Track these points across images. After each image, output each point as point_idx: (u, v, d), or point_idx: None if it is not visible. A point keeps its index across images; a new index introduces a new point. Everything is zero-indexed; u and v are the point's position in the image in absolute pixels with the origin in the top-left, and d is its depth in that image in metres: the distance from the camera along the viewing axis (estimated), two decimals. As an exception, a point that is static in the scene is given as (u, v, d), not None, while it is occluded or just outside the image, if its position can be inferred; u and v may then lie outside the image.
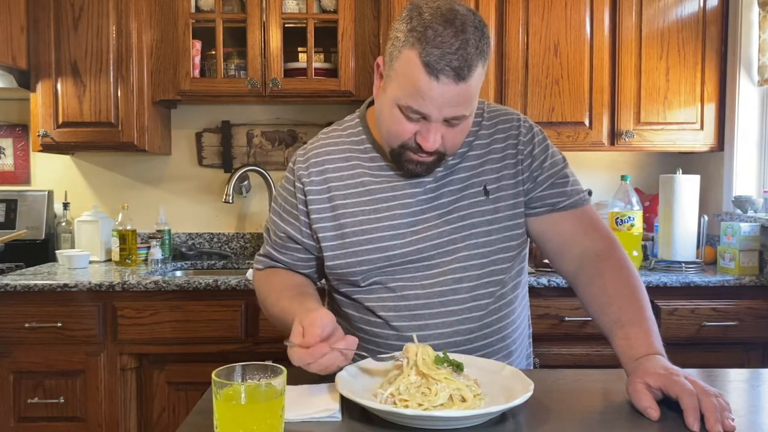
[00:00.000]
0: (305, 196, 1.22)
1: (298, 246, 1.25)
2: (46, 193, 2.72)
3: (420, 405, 0.89)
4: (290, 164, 1.27)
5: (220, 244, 2.85)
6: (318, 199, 1.21)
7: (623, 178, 2.44)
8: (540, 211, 1.20)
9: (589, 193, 1.22)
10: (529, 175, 1.20)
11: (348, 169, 1.22)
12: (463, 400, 0.90)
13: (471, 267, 1.16)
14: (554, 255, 1.22)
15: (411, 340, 1.15)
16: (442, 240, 1.16)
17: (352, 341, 0.99)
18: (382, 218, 1.17)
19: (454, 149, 1.13)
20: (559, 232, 1.20)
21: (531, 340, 1.36)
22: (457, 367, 0.96)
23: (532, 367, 1.36)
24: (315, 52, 2.56)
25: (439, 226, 1.16)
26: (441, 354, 0.98)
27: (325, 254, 1.21)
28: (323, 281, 1.32)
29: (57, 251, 2.57)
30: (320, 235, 1.20)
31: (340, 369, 0.99)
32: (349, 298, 1.23)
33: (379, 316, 1.18)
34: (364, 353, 1.02)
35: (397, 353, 0.99)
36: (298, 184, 1.23)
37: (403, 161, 1.13)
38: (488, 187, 1.18)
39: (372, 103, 1.25)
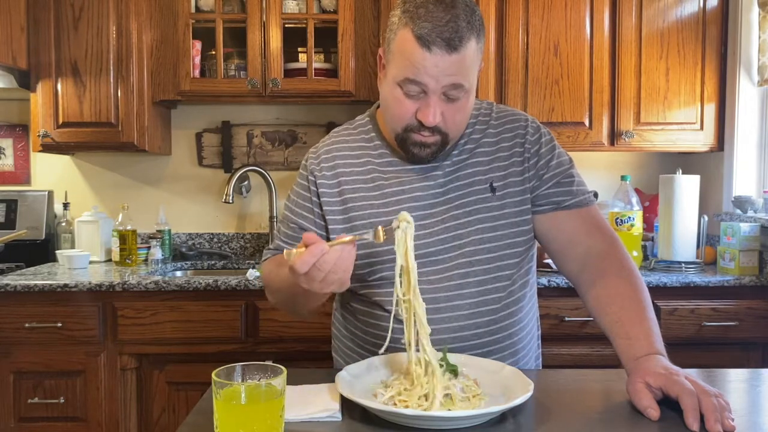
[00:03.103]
0: (317, 189, 1.25)
1: None
2: (46, 193, 2.72)
3: (420, 405, 0.89)
4: (303, 161, 1.31)
5: (220, 245, 2.85)
6: (329, 193, 1.24)
7: (623, 178, 2.44)
8: (545, 209, 1.21)
9: (595, 195, 1.23)
10: (535, 173, 1.21)
11: (358, 166, 1.24)
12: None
13: (477, 262, 1.17)
14: (558, 254, 1.23)
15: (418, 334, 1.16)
16: (448, 235, 1.17)
17: (349, 238, 0.96)
18: (391, 212, 1.19)
19: (455, 130, 1.15)
20: (563, 231, 1.21)
21: (540, 341, 1.36)
22: (452, 372, 0.96)
23: (540, 368, 1.36)
24: (315, 52, 2.56)
25: (445, 221, 1.18)
26: (441, 354, 0.99)
27: None
28: None
29: (57, 251, 2.57)
30: (330, 227, 1.23)
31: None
32: (356, 293, 1.24)
33: (386, 310, 1.19)
34: (366, 236, 0.98)
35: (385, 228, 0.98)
36: (311, 178, 1.26)
37: (408, 145, 1.15)
38: (495, 185, 1.19)
39: None
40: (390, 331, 1.00)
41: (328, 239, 1.24)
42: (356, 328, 1.27)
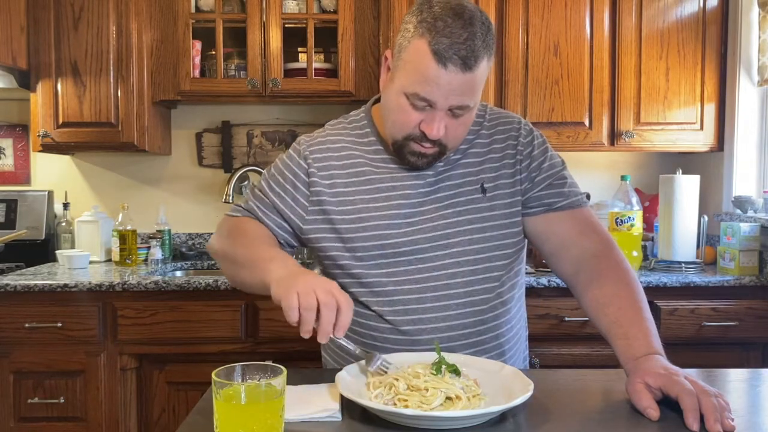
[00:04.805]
0: (308, 177, 1.23)
1: (280, 214, 1.24)
2: (46, 193, 2.72)
3: (420, 405, 0.89)
4: (295, 144, 1.28)
5: (220, 244, 2.84)
6: (321, 183, 1.22)
7: (623, 178, 2.44)
8: (537, 210, 1.21)
9: (588, 197, 1.23)
10: (527, 175, 1.21)
11: (350, 158, 1.24)
12: (458, 398, 0.90)
13: (465, 263, 1.17)
14: (552, 256, 1.23)
15: (406, 333, 1.16)
16: (436, 233, 1.17)
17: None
18: (381, 207, 1.19)
19: (455, 143, 1.15)
20: (556, 233, 1.21)
21: (528, 342, 1.36)
22: (454, 372, 0.96)
23: (528, 368, 1.36)
24: (315, 52, 2.56)
25: (434, 219, 1.18)
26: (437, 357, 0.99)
27: (317, 235, 1.22)
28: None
29: (57, 251, 2.57)
30: (317, 217, 1.22)
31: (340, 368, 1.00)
32: (345, 291, 1.23)
33: (373, 311, 1.19)
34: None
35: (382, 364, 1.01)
36: (303, 164, 1.24)
37: (406, 153, 1.15)
38: (485, 185, 1.20)
39: (377, 100, 1.28)
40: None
41: (299, 227, 1.22)
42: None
